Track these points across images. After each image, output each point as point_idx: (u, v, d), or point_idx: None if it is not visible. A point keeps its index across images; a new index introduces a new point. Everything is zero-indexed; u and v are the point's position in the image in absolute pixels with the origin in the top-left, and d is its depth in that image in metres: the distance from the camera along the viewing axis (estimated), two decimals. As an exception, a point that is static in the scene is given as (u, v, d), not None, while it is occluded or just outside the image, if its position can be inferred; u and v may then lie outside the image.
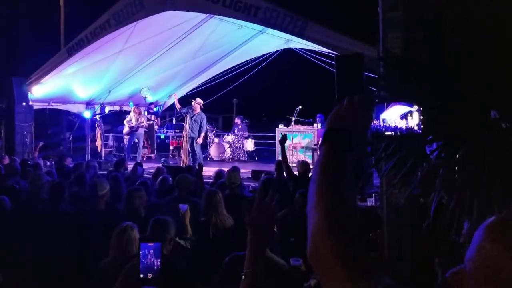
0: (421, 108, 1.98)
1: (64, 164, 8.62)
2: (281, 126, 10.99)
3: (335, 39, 7.40)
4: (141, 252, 1.97)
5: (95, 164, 7.79)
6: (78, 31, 11.07)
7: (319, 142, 1.08)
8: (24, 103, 11.89)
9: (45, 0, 17.10)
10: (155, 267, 1.94)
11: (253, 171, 8.28)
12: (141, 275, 1.94)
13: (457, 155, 1.83)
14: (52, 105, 13.11)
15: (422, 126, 1.97)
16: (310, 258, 0.91)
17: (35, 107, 12.30)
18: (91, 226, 4.57)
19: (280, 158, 8.72)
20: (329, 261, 0.86)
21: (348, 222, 0.91)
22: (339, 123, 1.09)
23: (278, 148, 10.57)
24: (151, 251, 1.95)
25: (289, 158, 9.67)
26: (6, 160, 9.30)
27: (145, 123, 12.52)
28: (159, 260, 1.97)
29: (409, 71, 2.00)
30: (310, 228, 0.92)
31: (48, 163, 9.85)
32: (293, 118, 10.09)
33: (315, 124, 10.64)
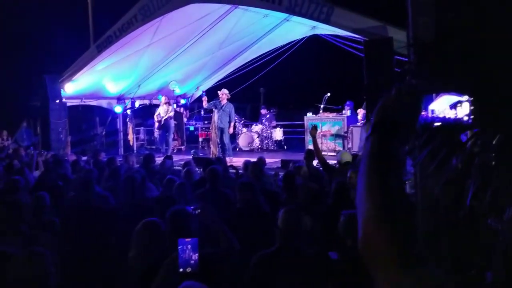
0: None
1: (98, 158, 8.82)
2: (309, 114, 10.88)
3: (363, 24, 7.24)
4: (179, 248, 2.00)
5: (133, 158, 7.95)
6: (107, 27, 11.26)
7: (367, 133, 1.08)
8: (57, 101, 12.22)
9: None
10: (194, 262, 1.97)
11: (282, 161, 8.25)
12: (180, 270, 1.97)
13: (494, 142, 1.77)
14: (84, 101, 13.44)
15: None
16: (361, 249, 0.92)
17: (68, 104, 12.63)
18: (126, 220, 4.69)
19: (310, 147, 8.69)
20: (381, 250, 0.87)
21: (398, 211, 0.92)
22: (387, 113, 1.09)
23: (307, 137, 10.50)
24: (189, 246, 1.98)
25: (319, 146, 9.61)
26: (43, 156, 9.63)
27: (171, 113, 12.64)
28: (197, 254, 1.99)
29: (441, 59, 1.92)
30: (360, 219, 0.94)
31: (84, 158, 10.11)
32: (322, 106, 9.97)
33: (344, 111, 10.48)
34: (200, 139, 13.77)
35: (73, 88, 12.47)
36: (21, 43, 18.21)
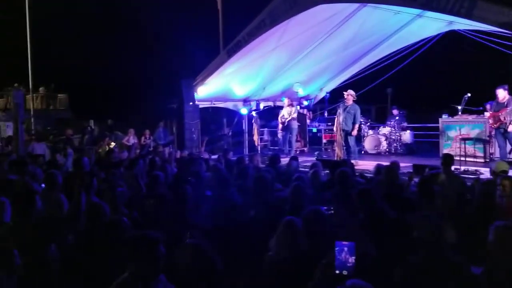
0: None
1: (227, 158, 9.25)
2: (444, 117, 10.07)
3: (513, 17, 6.47)
4: (336, 250, 2.00)
5: (259, 158, 8.17)
6: (236, 33, 11.77)
7: None
8: (191, 103, 13.14)
9: (204, 6, 18.78)
10: (350, 265, 1.95)
11: (414, 166, 7.73)
12: (336, 272, 1.97)
13: None
14: (214, 104, 14.25)
15: None
16: None
17: (200, 106, 13.50)
18: (255, 218, 4.82)
19: (445, 151, 8.06)
20: None
21: None
22: None
23: (442, 141, 9.70)
24: (346, 249, 1.97)
25: (456, 151, 8.85)
26: (178, 154, 10.43)
27: (295, 114, 12.75)
28: (354, 258, 1.97)
29: None
30: None
31: (214, 157, 10.70)
32: (460, 107, 9.16)
33: (485, 113, 9.47)
34: (324, 141, 13.66)
35: (205, 91, 13.28)
36: (162, 52, 20.08)
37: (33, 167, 6.51)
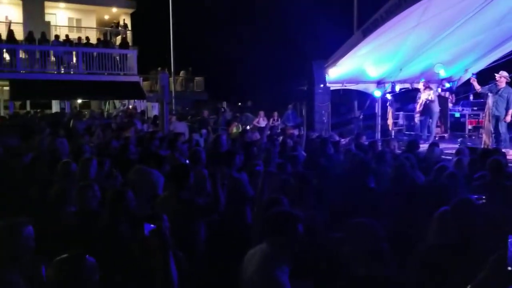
0: None
1: (360, 141, 8.97)
2: None
3: None
4: (509, 243, 1.78)
5: (395, 143, 7.79)
6: (371, 13, 11.22)
7: None
8: (322, 85, 12.97)
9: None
10: None
11: None
12: (509, 268, 1.76)
13: None
14: (345, 86, 13.88)
15: None
16: None
17: (331, 88, 13.27)
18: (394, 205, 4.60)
19: None
20: None
21: None
22: None
23: None
24: None
25: None
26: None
27: (432, 96, 11.82)
28: None
29: None
30: None
31: (344, 141, 10.48)
32: None
33: None
34: (469, 127, 12.48)
35: (336, 73, 12.97)
36: (294, 34, 20.24)
37: (180, 144, 7.06)
